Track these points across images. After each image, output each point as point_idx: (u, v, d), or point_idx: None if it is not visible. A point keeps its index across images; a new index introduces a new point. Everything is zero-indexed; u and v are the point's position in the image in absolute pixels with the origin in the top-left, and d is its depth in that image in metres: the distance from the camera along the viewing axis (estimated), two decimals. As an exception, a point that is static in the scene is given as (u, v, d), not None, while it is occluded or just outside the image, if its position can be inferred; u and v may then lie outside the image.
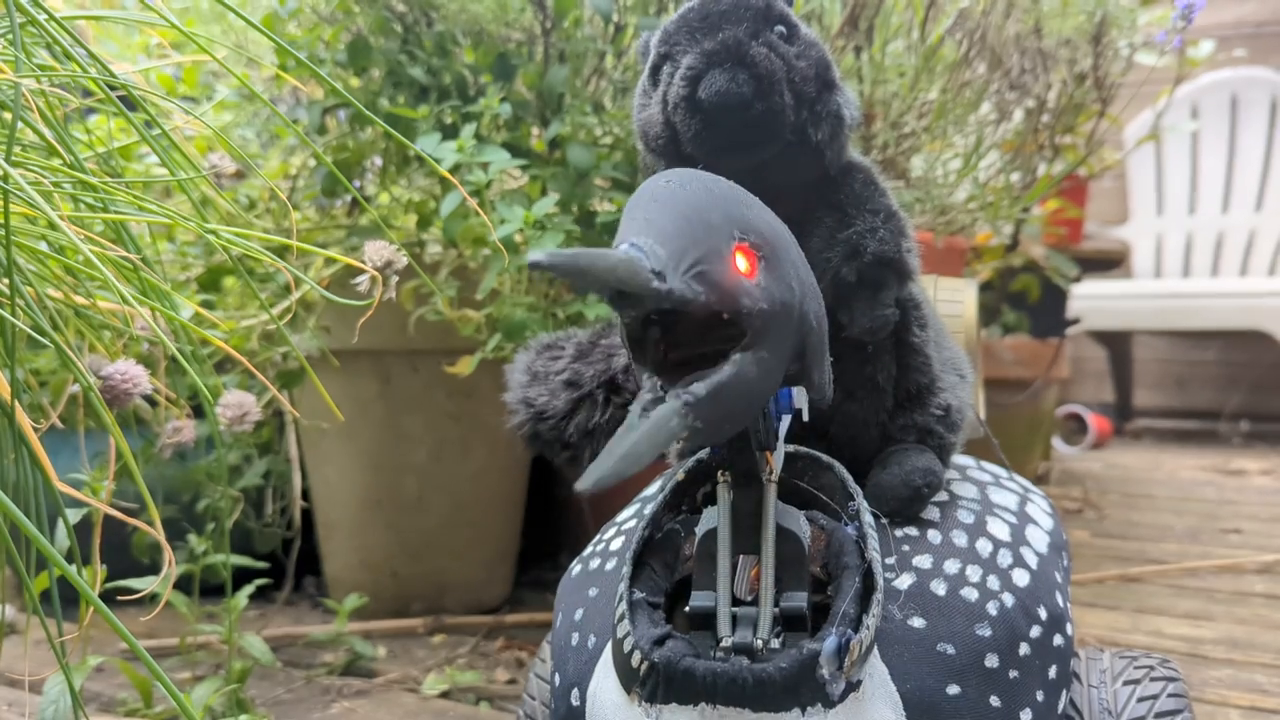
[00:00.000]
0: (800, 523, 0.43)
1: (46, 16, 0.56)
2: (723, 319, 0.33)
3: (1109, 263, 1.97)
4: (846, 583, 0.41)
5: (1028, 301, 1.63)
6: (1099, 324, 2.52)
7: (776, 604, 0.41)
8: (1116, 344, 2.70)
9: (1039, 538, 0.51)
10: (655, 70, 0.51)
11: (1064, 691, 0.48)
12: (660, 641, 0.40)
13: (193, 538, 0.86)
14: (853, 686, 0.39)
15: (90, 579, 0.65)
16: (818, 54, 0.50)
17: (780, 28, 0.49)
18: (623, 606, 0.42)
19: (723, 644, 0.40)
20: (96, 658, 0.71)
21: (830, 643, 0.39)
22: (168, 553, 0.59)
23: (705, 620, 0.41)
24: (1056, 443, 2.26)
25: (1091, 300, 2.42)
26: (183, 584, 0.87)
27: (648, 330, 0.35)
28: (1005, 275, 1.58)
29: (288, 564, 1.13)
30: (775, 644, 0.40)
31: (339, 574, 1.12)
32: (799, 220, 0.51)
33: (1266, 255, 2.61)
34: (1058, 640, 0.47)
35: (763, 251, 0.35)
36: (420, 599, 1.09)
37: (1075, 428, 2.40)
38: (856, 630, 0.40)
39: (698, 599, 0.42)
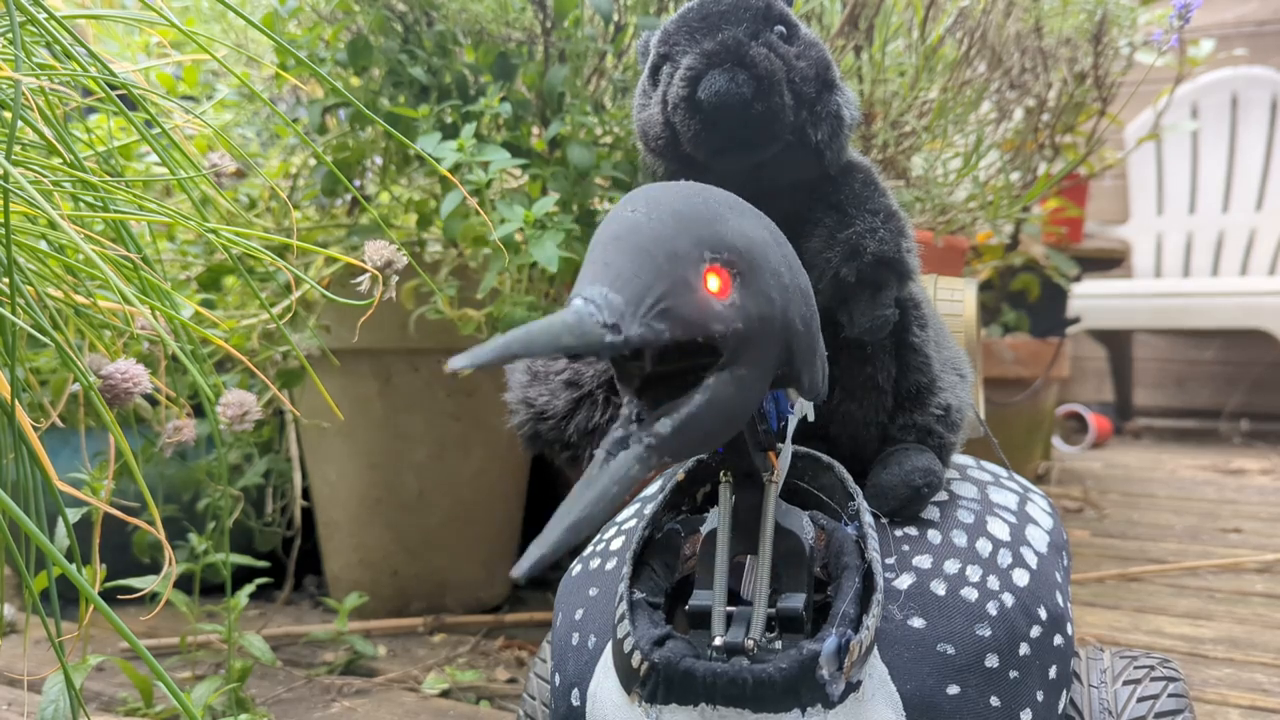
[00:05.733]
0: (804, 524, 0.43)
1: (47, 15, 0.56)
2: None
3: (1109, 262, 1.97)
4: (846, 583, 0.41)
5: (1028, 300, 1.64)
6: (1099, 323, 2.52)
7: (773, 605, 0.41)
8: (1116, 343, 2.70)
9: (1039, 537, 0.51)
10: (655, 70, 0.51)
11: (1064, 691, 0.48)
12: (660, 642, 0.40)
13: (193, 537, 0.86)
14: (853, 687, 0.39)
15: (90, 578, 0.65)
16: (818, 54, 0.50)
17: (780, 28, 0.49)
18: (623, 606, 0.42)
19: (714, 643, 0.40)
20: (96, 657, 0.71)
21: (830, 643, 0.39)
22: (168, 552, 0.59)
23: (705, 619, 0.41)
24: (1056, 442, 2.26)
25: (1091, 299, 2.42)
26: (183, 583, 0.87)
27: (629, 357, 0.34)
28: (1005, 274, 1.58)
29: (288, 563, 1.13)
30: (766, 643, 0.40)
31: (339, 573, 1.12)
32: (798, 220, 0.51)
33: (1266, 254, 2.61)
34: (1058, 640, 0.47)
35: (737, 268, 0.34)
36: (420, 598, 1.09)
37: (1075, 427, 2.40)
38: (856, 630, 0.40)
39: (698, 597, 0.42)
